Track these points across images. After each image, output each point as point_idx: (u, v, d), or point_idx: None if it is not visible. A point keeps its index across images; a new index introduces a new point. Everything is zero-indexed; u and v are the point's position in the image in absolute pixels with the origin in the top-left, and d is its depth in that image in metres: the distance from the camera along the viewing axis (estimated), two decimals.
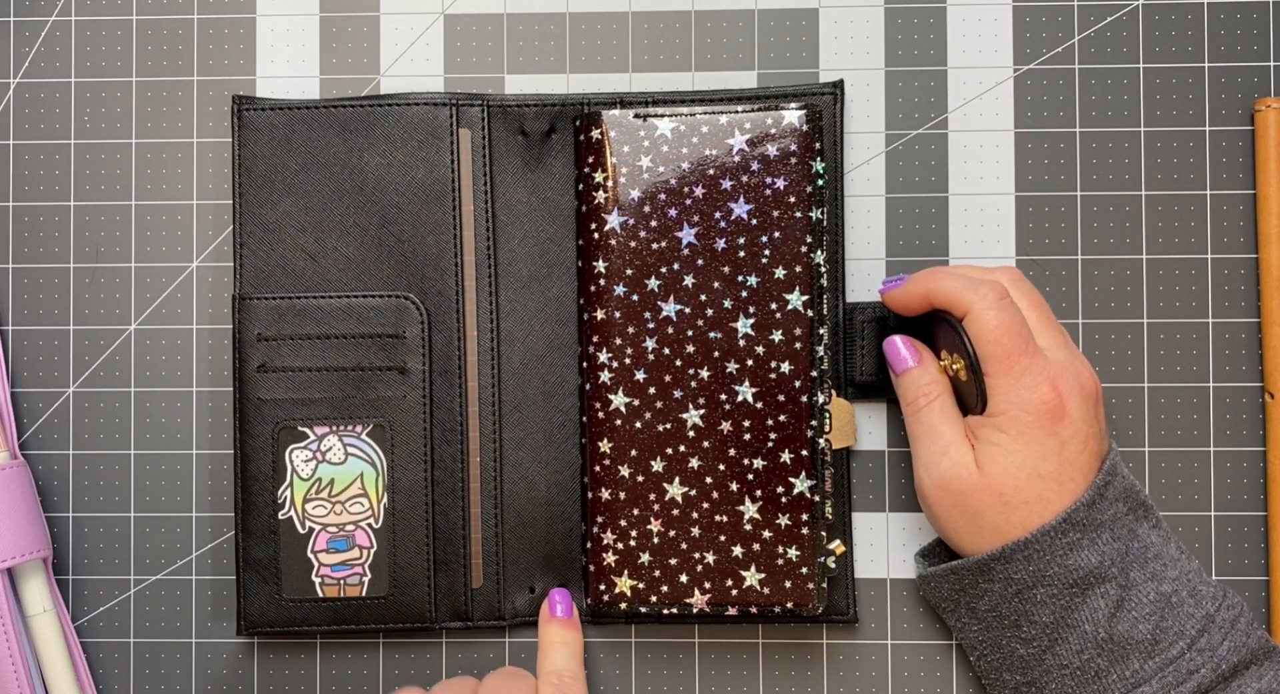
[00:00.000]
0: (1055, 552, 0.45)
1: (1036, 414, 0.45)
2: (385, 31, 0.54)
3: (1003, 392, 0.46)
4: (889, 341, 0.50)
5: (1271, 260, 0.52)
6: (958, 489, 0.46)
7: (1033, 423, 0.45)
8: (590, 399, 0.50)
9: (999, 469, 0.46)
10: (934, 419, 0.48)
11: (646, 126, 0.50)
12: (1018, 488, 0.45)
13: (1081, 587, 0.45)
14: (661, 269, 0.50)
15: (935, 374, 0.49)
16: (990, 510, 0.46)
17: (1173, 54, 0.53)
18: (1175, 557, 0.46)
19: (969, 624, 0.48)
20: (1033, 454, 0.45)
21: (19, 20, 0.54)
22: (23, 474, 0.52)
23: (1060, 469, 0.45)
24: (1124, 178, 0.53)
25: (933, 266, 0.50)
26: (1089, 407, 0.46)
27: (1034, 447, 0.45)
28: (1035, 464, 0.45)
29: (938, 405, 0.48)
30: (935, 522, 0.48)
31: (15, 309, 0.54)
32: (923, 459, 0.48)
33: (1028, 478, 0.45)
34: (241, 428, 0.52)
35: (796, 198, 0.49)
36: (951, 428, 0.48)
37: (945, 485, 0.47)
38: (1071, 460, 0.45)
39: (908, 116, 0.53)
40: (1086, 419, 0.46)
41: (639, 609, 0.50)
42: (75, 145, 0.54)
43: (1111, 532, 0.45)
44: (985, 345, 0.46)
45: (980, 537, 0.46)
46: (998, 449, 0.46)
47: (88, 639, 0.53)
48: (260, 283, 0.52)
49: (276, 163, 0.52)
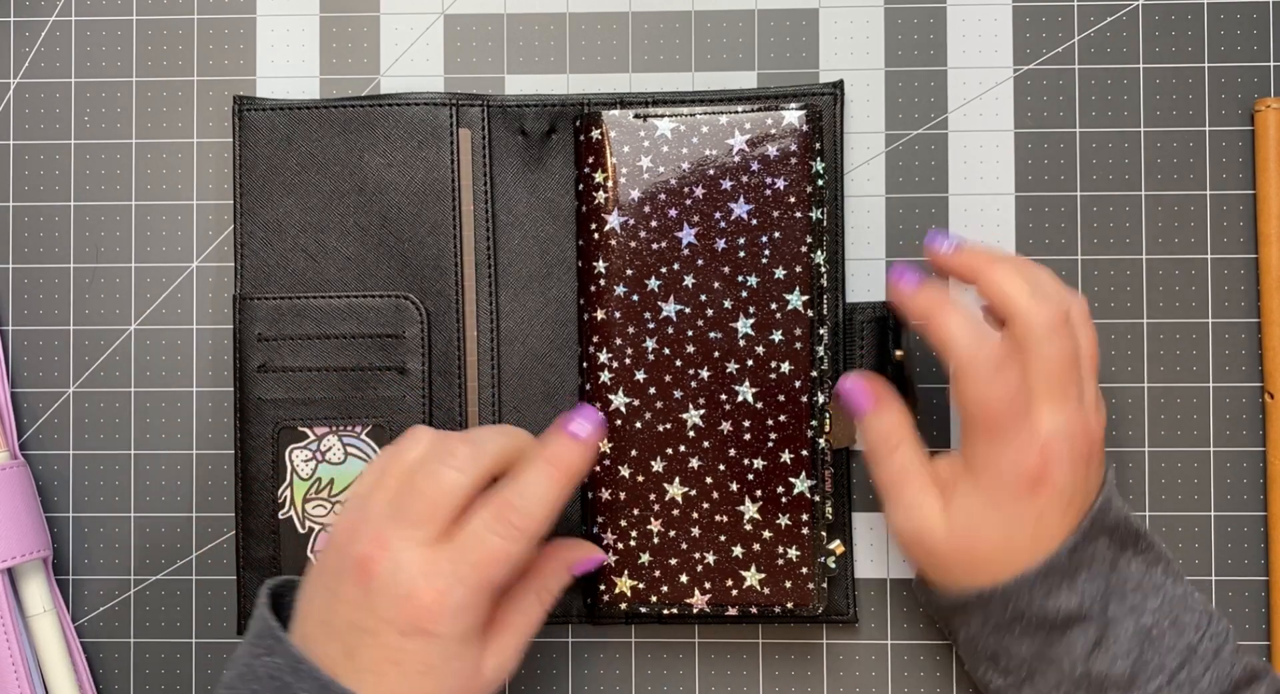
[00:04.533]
0: (1034, 596, 0.44)
1: (1017, 482, 0.43)
2: (385, 31, 0.54)
3: (985, 454, 0.44)
4: (844, 383, 0.48)
5: (1271, 260, 0.52)
6: (927, 546, 0.46)
7: (1012, 490, 0.43)
8: (590, 399, 0.50)
9: (971, 532, 0.44)
10: (897, 470, 0.46)
11: (646, 126, 0.50)
12: (989, 554, 0.44)
13: (1061, 627, 0.44)
14: (661, 269, 0.50)
15: (897, 418, 0.47)
16: (959, 568, 0.45)
17: (1173, 54, 0.53)
18: (1159, 583, 0.45)
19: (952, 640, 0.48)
20: (1008, 522, 0.44)
21: (19, 20, 0.54)
22: (23, 474, 0.52)
23: (1034, 538, 0.44)
24: (1124, 178, 0.53)
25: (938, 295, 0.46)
26: (1080, 467, 0.44)
27: (1010, 514, 0.44)
28: (1009, 532, 0.44)
29: (899, 456, 0.46)
30: (907, 560, 0.47)
31: (15, 309, 0.54)
32: (890, 509, 0.47)
33: (999, 545, 0.44)
34: (241, 428, 0.52)
35: (796, 198, 0.49)
36: (917, 479, 0.46)
37: (914, 541, 0.46)
38: (1048, 527, 0.44)
39: (908, 116, 0.53)
40: (1073, 481, 0.44)
41: (639, 609, 0.50)
42: (75, 145, 0.54)
43: (1090, 571, 0.44)
44: (971, 416, 0.44)
45: (953, 581, 0.46)
46: (972, 511, 0.44)
47: (88, 639, 0.53)
48: (260, 283, 0.52)
49: (277, 163, 0.52)
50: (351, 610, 0.42)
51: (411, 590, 0.41)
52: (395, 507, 0.43)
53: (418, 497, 0.42)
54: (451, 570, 0.41)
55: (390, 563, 0.41)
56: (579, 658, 0.53)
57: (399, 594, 0.41)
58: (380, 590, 0.41)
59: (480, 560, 0.42)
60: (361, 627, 0.41)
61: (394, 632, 0.41)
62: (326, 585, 0.43)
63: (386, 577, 0.41)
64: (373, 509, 0.43)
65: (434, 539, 0.42)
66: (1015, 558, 0.44)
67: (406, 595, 0.41)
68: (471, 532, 0.42)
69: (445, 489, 0.42)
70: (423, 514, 0.42)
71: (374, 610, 0.41)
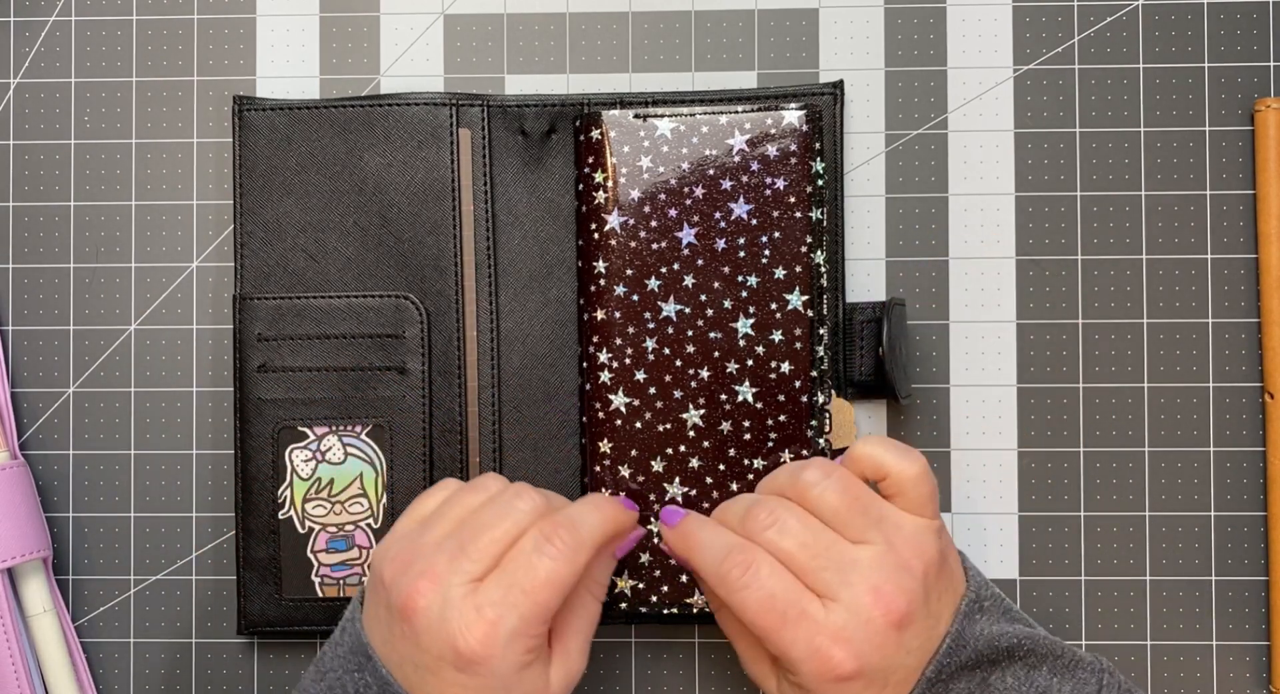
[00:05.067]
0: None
1: (820, 683, 0.41)
2: (385, 31, 0.54)
3: (783, 659, 0.42)
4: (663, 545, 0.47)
5: (1271, 260, 0.52)
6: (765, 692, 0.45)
7: (818, 687, 0.41)
8: (590, 399, 0.50)
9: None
10: (727, 628, 0.46)
11: (646, 127, 0.50)
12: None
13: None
14: (661, 269, 0.50)
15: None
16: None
17: (1173, 54, 0.53)
18: (1045, 687, 0.42)
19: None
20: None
21: (19, 20, 0.54)
22: (23, 474, 0.52)
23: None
24: (1124, 178, 0.53)
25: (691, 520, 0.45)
26: (886, 644, 0.41)
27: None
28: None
29: (724, 616, 0.46)
30: None
31: (15, 309, 0.54)
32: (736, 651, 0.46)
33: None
34: (241, 428, 0.52)
35: (796, 198, 0.49)
36: (744, 638, 0.45)
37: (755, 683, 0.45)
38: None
39: (908, 116, 0.53)
40: (881, 661, 0.41)
41: (639, 609, 0.50)
42: (75, 145, 0.54)
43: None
44: (747, 624, 0.42)
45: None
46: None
47: (88, 639, 0.53)
48: (260, 283, 0.52)
49: (276, 163, 0.52)
50: (407, 647, 0.41)
51: (461, 626, 0.40)
52: (453, 540, 0.42)
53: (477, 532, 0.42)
54: (502, 598, 0.41)
55: (438, 598, 0.41)
56: None
57: (449, 632, 0.40)
58: (428, 629, 0.41)
59: (532, 586, 0.41)
60: (418, 663, 0.41)
61: (450, 668, 0.40)
62: (380, 618, 0.42)
63: (435, 614, 0.41)
64: (424, 544, 0.42)
65: (485, 572, 0.41)
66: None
67: (457, 632, 0.40)
68: (520, 554, 0.41)
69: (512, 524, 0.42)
70: (478, 548, 0.42)
71: (427, 650, 0.41)
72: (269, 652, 0.53)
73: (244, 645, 0.53)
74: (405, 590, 0.41)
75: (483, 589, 0.41)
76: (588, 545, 0.42)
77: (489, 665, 0.40)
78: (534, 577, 0.41)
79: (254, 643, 0.53)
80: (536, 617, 0.41)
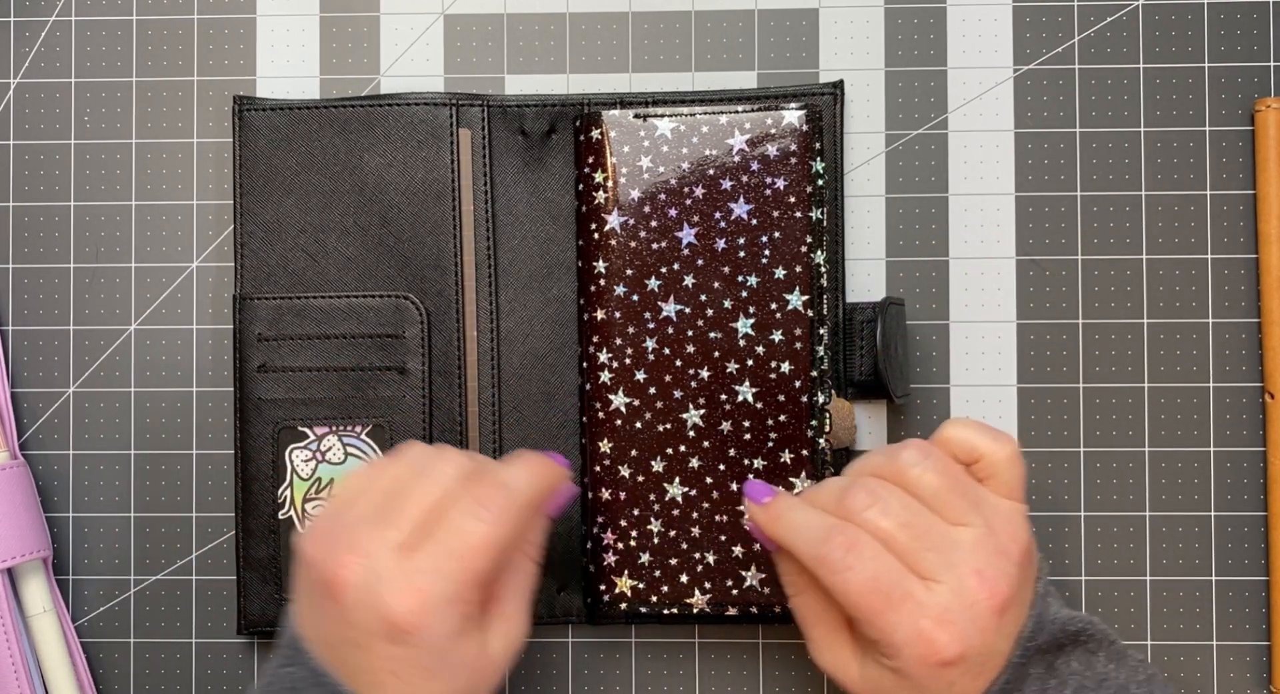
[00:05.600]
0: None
1: (920, 667, 0.40)
2: (385, 31, 0.54)
3: (879, 638, 0.41)
4: (749, 524, 0.46)
5: (1271, 260, 0.52)
6: (840, 683, 0.44)
7: (918, 674, 0.41)
8: (590, 399, 0.50)
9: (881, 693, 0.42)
10: (803, 613, 0.45)
11: (646, 126, 0.50)
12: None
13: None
14: (661, 269, 0.50)
15: (798, 564, 0.44)
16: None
17: (1173, 54, 0.53)
18: (1104, 674, 0.42)
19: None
20: (919, 690, 0.41)
21: (19, 20, 0.54)
22: (23, 474, 0.52)
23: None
24: (1124, 178, 0.53)
25: (782, 499, 0.44)
26: (989, 627, 0.40)
27: (918, 688, 0.41)
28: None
29: (804, 601, 0.45)
30: None
31: (15, 309, 0.54)
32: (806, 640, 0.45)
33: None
34: (241, 428, 0.52)
35: (796, 198, 0.49)
36: (826, 623, 0.44)
37: (828, 675, 0.44)
38: (962, 691, 0.41)
39: (908, 116, 0.53)
40: (983, 646, 0.41)
41: (639, 609, 0.50)
42: (75, 145, 0.54)
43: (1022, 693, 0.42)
44: (846, 609, 0.41)
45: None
46: (883, 682, 0.42)
47: (88, 639, 0.53)
48: (260, 283, 0.52)
49: (276, 163, 0.52)
50: (335, 626, 0.40)
51: (392, 597, 0.39)
52: (376, 511, 0.41)
53: (402, 500, 0.41)
54: (433, 565, 0.39)
55: (364, 571, 0.39)
56: (579, 658, 0.53)
57: (379, 603, 0.39)
58: (358, 604, 0.39)
59: (464, 551, 0.40)
60: (349, 640, 0.40)
61: (381, 641, 0.39)
62: (309, 603, 0.41)
63: (363, 587, 0.39)
64: (348, 519, 0.41)
65: (411, 541, 0.40)
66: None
67: (388, 603, 0.39)
68: (450, 520, 0.40)
69: (438, 490, 0.41)
70: (403, 515, 0.40)
71: (355, 624, 0.39)
72: (269, 652, 0.53)
73: (244, 645, 0.53)
74: (331, 566, 0.40)
75: (413, 557, 0.39)
76: (520, 506, 0.41)
77: (422, 635, 0.39)
78: (465, 541, 0.40)
79: (254, 643, 0.53)
80: (470, 582, 0.40)
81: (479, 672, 0.41)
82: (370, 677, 0.40)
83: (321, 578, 0.40)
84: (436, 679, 0.40)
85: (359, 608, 0.39)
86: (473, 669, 0.41)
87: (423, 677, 0.39)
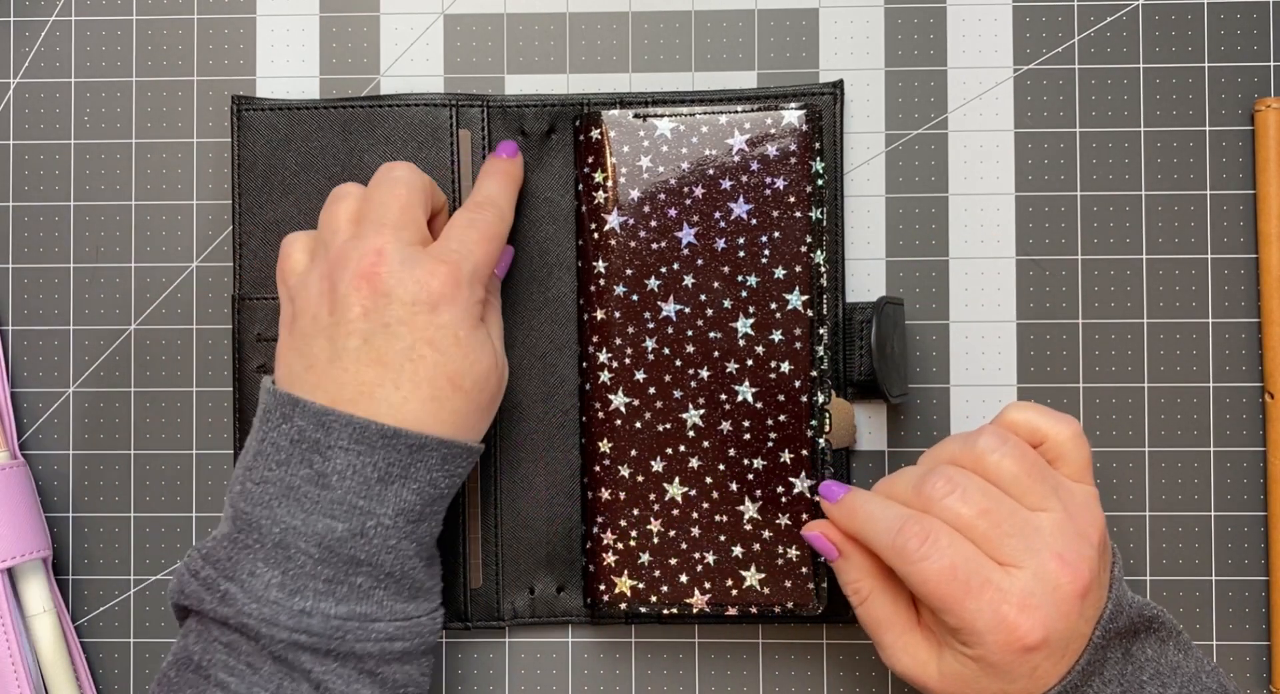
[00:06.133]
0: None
1: (1003, 653, 0.41)
2: (385, 31, 0.54)
3: (962, 631, 0.41)
4: (807, 534, 0.46)
5: (1271, 260, 0.52)
6: (919, 684, 0.44)
7: (1000, 660, 0.41)
8: (590, 399, 0.50)
9: (964, 685, 0.42)
10: (874, 618, 0.44)
11: (646, 126, 0.50)
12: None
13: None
14: (661, 269, 0.50)
15: (864, 568, 0.44)
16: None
17: (1173, 54, 0.53)
18: (1174, 663, 0.43)
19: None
20: (1001, 679, 0.41)
21: (19, 20, 0.54)
22: (23, 474, 0.52)
23: (1031, 685, 0.41)
24: (1124, 178, 0.53)
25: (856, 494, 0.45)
26: (1071, 611, 0.41)
27: (1003, 675, 0.41)
28: (1003, 687, 0.41)
29: (873, 604, 0.44)
30: None
31: (15, 309, 0.54)
32: (878, 647, 0.45)
33: (996, 692, 0.42)
34: (241, 428, 0.52)
35: (796, 198, 0.49)
36: (898, 625, 0.44)
37: (905, 678, 0.44)
38: (1044, 675, 0.41)
39: (908, 116, 0.53)
40: (1065, 631, 0.41)
41: (639, 609, 0.50)
42: (75, 145, 0.54)
43: (1103, 676, 0.42)
44: (924, 599, 0.42)
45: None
46: (964, 672, 0.42)
47: (88, 639, 0.53)
48: (260, 283, 0.52)
49: (276, 163, 0.52)
50: (367, 319, 0.43)
51: (427, 271, 0.44)
52: (370, 222, 0.45)
53: (387, 205, 0.45)
54: (458, 247, 0.45)
55: (396, 256, 0.44)
56: (579, 658, 0.53)
57: (418, 274, 0.43)
58: (397, 281, 0.43)
59: (477, 240, 0.46)
60: (384, 323, 0.43)
61: (423, 309, 0.43)
62: (321, 330, 0.44)
63: (398, 268, 0.43)
64: (341, 244, 0.45)
65: (420, 240, 0.45)
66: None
67: (427, 271, 0.44)
68: (455, 227, 0.46)
69: (406, 187, 0.46)
70: (401, 217, 0.45)
71: (397, 299, 0.43)
72: None
73: None
74: (357, 268, 0.44)
75: (434, 247, 0.45)
76: (505, 211, 0.49)
77: (455, 302, 0.44)
78: (476, 233, 0.46)
79: None
80: (486, 264, 0.46)
81: (493, 357, 0.46)
82: (403, 361, 0.43)
83: (354, 277, 0.43)
84: (463, 350, 0.44)
85: (399, 283, 0.43)
86: (490, 353, 0.45)
87: (455, 345, 0.44)
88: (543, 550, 0.52)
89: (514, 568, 0.52)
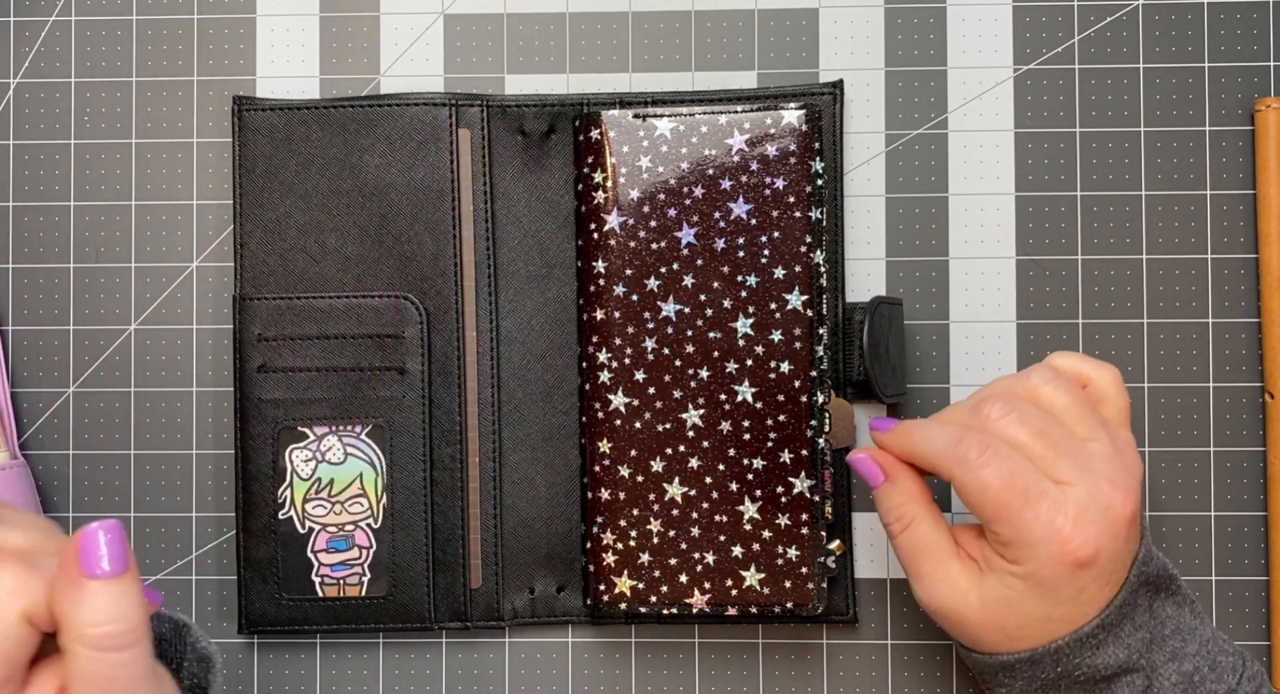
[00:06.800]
0: (1082, 653, 0.42)
1: (1055, 567, 0.41)
2: (385, 31, 0.54)
3: (1015, 544, 0.41)
4: (852, 458, 0.46)
5: (1271, 260, 0.52)
6: (956, 617, 0.43)
7: (1051, 575, 0.41)
8: (590, 399, 0.50)
9: (1006, 611, 0.42)
10: (911, 546, 0.44)
11: (646, 126, 0.50)
12: (1023, 627, 0.42)
13: (1108, 679, 0.42)
14: (661, 269, 0.50)
15: (910, 492, 0.45)
16: (992, 637, 0.43)
17: (1173, 54, 0.53)
18: (1192, 626, 0.43)
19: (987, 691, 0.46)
20: (1047, 601, 0.42)
21: (19, 20, 0.54)
22: (23, 474, 0.52)
23: (1074, 611, 0.42)
24: (1124, 178, 0.53)
25: (911, 421, 0.45)
26: (1120, 533, 0.41)
27: (1050, 595, 0.41)
28: (1047, 610, 0.42)
29: (913, 532, 0.44)
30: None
31: (15, 309, 0.54)
32: (911, 582, 0.45)
33: (1037, 621, 0.42)
34: (241, 428, 0.52)
35: (796, 198, 0.49)
36: (939, 553, 0.44)
37: (942, 611, 0.44)
38: (1088, 601, 0.42)
39: (908, 116, 0.53)
40: (1114, 552, 0.41)
41: (639, 609, 0.50)
42: (75, 145, 0.54)
43: (1133, 621, 0.42)
44: (980, 509, 0.42)
45: (985, 647, 0.44)
46: (1009, 594, 0.42)
47: None
48: (260, 283, 0.52)
49: (276, 163, 0.52)
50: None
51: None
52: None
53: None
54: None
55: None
56: (579, 658, 0.53)
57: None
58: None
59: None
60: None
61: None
62: None
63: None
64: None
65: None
66: (1054, 628, 0.42)
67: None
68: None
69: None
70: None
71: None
72: (269, 651, 0.53)
73: (244, 645, 0.53)
74: None
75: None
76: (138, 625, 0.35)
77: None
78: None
79: (254, 643, 0.53)
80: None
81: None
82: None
83: None
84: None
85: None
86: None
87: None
88: (543, 550, 0.52)
89: (514, 568, 0.52)
